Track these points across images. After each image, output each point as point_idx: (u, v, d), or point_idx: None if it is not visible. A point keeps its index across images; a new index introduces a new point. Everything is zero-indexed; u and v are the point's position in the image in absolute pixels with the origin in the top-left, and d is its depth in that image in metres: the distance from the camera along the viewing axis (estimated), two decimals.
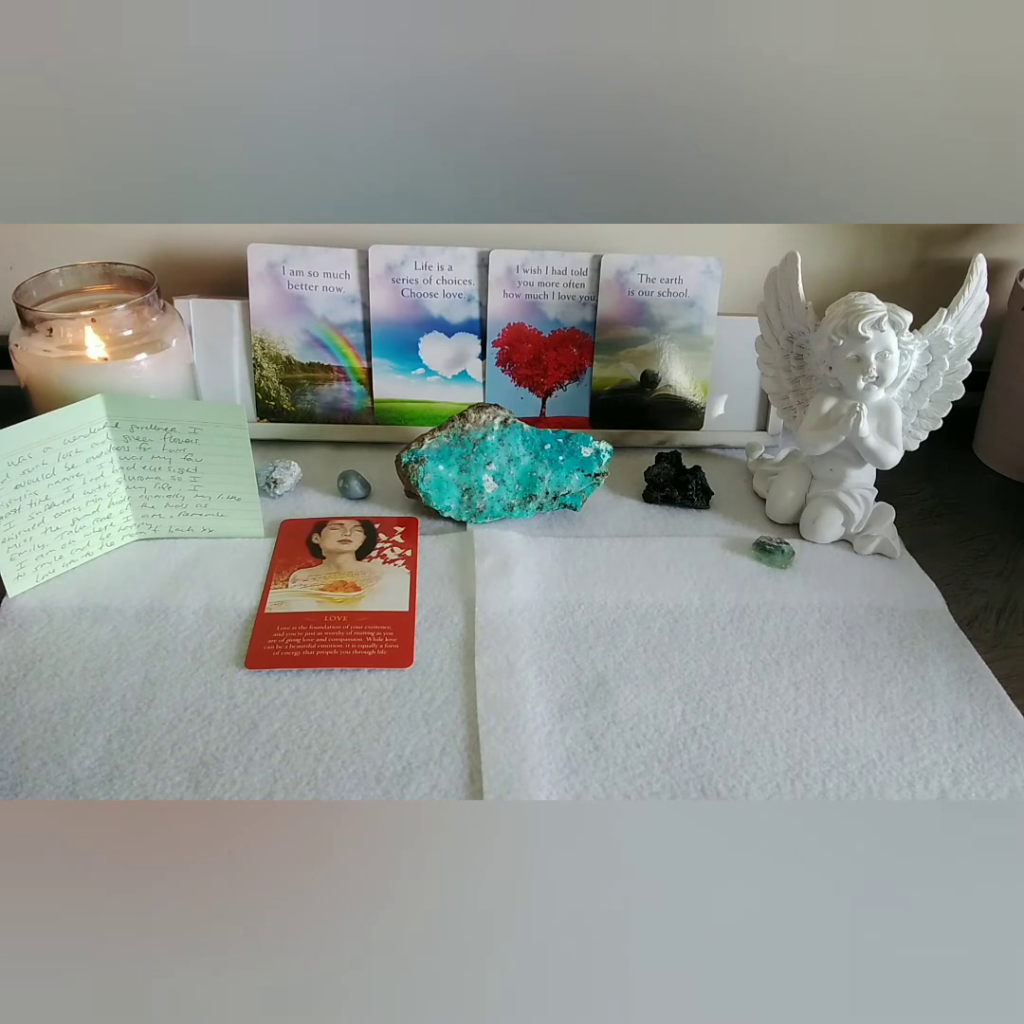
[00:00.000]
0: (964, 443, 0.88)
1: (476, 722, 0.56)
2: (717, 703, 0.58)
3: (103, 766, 0.53)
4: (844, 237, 0.89)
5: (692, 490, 0.76)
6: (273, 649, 0.61)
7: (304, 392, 0.82)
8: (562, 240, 0.85)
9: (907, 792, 0.53)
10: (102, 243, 0.85)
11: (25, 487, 0.62)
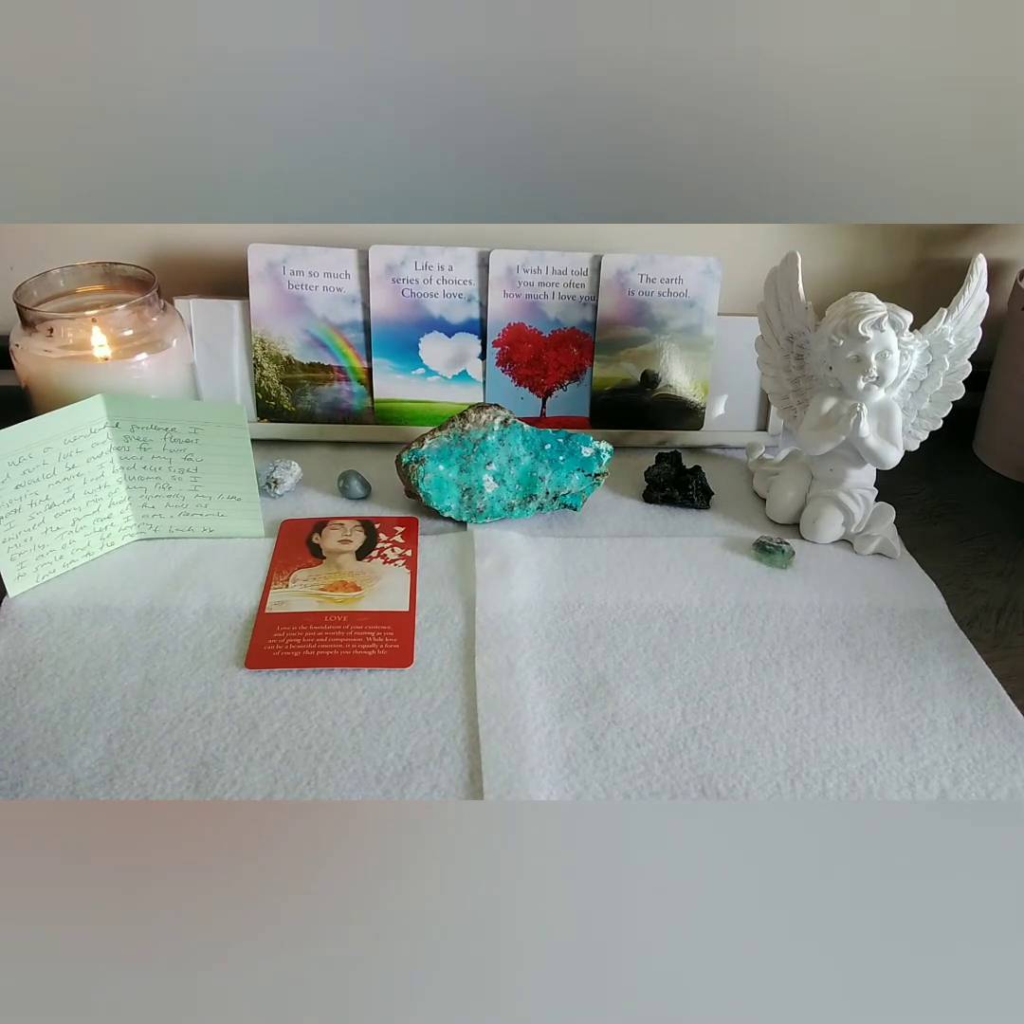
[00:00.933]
0: (964, 443, 0.88)
1: (476, 722, 0.56)
2: (717, 703, 0.58)
3: (103, 766, 0.53)
4: (844, 237, 0.89)
5: (692, 490, 0.76)
6: (273, 649, 0.61)
7: (304, 392, 0.82)
8: (562, 240, 0.85)
9: (907, 792, 0.53)
10: (102, 243, 0.85)
11: (25, 487, 0.62)
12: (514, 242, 0.82)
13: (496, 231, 0.85)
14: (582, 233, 0.86)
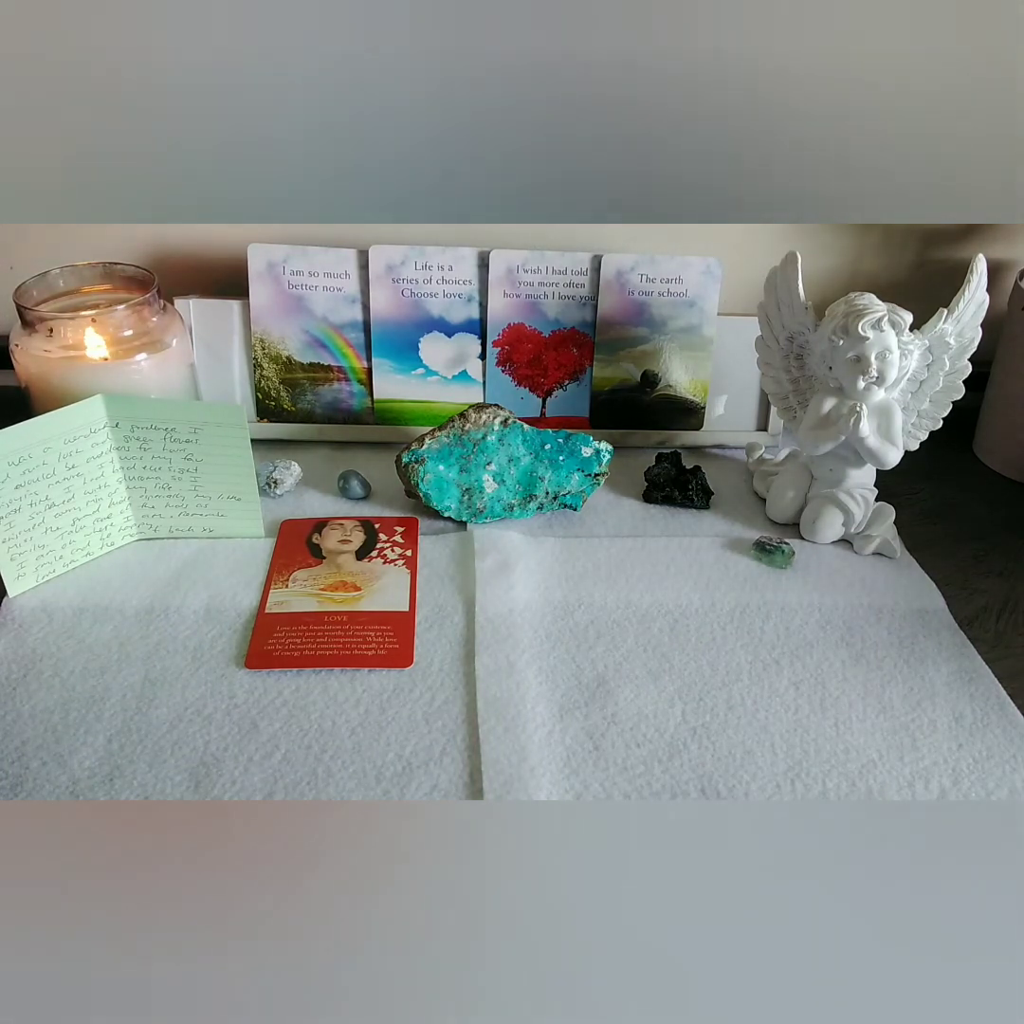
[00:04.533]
0: (964, 443, 0.88)
1: (476, 722, 0.56)
2: (717, 703, 0.58)
3: (103, 766, 0.53)
4: (844, 237, 0.89)
5: (692, 490, 0.76)
6: (273, 649, 0.61)
7: (304, 392, 0.82)
8: (562, 240, 0.85)
9: (907, 792, 0.53)
10: (102, 243, 0.85)
11: (25, 487, 0.62)
12: (514, 242, 0.82)
13: (496, 231, 0.85)
14: (582, 233, 0.86)
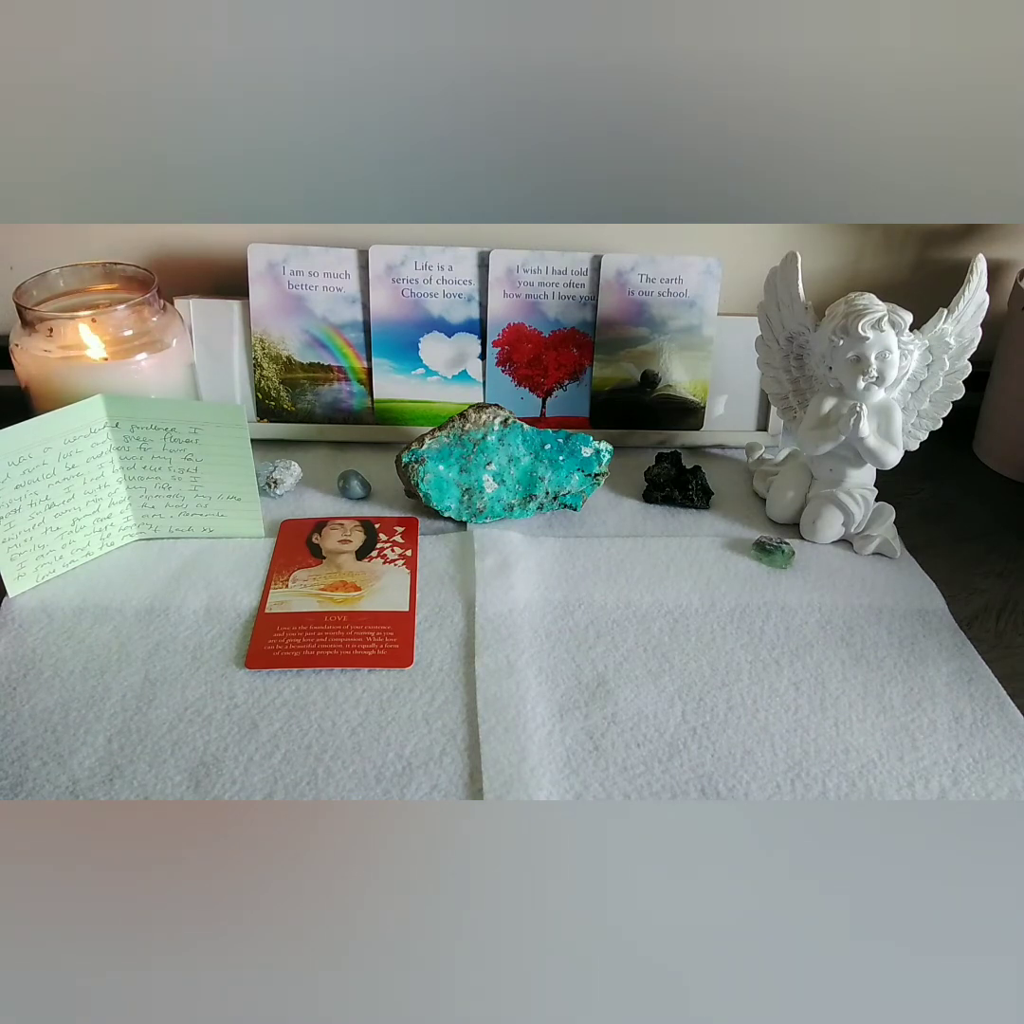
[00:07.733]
0: (964, 443, 0.88)
1: (476, 722, 0.56)
2: (717, 703, 0.58)
3: (103, 766, 0.53)
4: (844, 237, 0.89)
5: (692, 490, 0.76)
6: (273, 649, 0.61)
7: (304, 392, 0.82)
8: (562, 240, 0.85)
9: (907, 792, 0.53)
10: (102, 243, 0.85)
11: (25, 487, 0.62)
12: (514, 242, 0.82)
13: (496, 231, 0.85)
14: (582, 233, 0.86)
